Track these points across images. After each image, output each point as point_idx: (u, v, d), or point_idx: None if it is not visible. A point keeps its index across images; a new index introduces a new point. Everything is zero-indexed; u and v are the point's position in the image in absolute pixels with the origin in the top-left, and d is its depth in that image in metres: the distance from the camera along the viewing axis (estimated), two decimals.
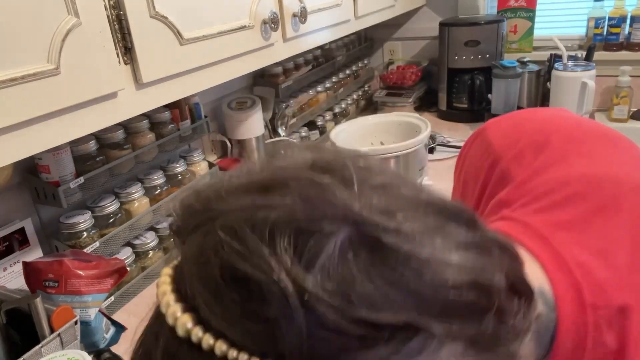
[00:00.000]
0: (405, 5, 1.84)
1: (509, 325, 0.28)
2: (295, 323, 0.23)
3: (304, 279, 0.23)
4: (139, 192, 1.09)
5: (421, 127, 1.34)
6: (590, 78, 1.64)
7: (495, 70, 1.76)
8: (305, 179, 0.27)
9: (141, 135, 1.10)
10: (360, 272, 0.24)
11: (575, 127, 0.49)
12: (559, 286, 0.36)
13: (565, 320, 0.35)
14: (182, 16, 0.78)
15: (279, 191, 0.27)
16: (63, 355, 0.68)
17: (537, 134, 0.49)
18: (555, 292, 0.36)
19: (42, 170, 0.92)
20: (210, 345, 0.24)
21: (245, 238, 0.25)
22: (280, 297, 0.23)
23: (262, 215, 0.25)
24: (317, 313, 0.23)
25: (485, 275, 0.28)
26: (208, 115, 1.32)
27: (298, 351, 0.23)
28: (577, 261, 0.37)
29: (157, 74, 0.75)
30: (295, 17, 1.08)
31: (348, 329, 0.23)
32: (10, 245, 0.92)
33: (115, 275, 0.88)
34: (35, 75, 0.58)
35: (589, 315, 0.35)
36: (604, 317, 0.35)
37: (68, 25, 0.61)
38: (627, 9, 1.78)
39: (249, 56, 0.97)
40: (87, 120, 0.66)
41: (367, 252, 0.25)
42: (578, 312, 0.35)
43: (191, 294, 0.26)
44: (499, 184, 0.49)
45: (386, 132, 1.46)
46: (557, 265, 0.37)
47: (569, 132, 0.48)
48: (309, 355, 0.24)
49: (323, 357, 0.24)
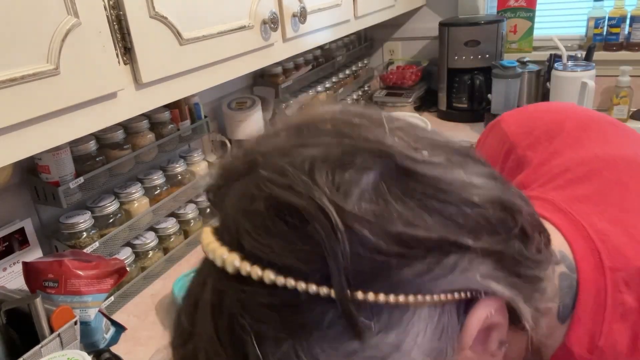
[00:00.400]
0: (405, 5, 1.84)
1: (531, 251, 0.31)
2: (338, 243, 0.25)
3: (345, 203, 0.25)
4: (138, 192, 1.09)
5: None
6: (590, 78, 1.64)
7: (495, 70, 1.76)
8: (339, 120, 0.30)
9: (141, 136, 1.10)
10: (394, 197, 0.26)
11: (588, 116, 0.51)
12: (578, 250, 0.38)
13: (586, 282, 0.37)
14: (181, 16, 0.78)
15: (315, 132, 0.29)
16: (63, 355, 0.68)
17: (550, 122, 0.50)
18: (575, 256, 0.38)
19: (42, 170, 0.92)
20: (259, 275, 0.26)
21: (287, 173, 0.26)
22: (324, 220, 0.25)
23: (302, 153, 0.27)
24: (357, 233, 0.25)
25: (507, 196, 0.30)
26: (208, 115, 1.32)
27: (343, 270, 0.25)
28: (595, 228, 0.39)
29: (157, 74, 0.75)
30: (295, 17, 1.08)
31: (386, 246, 0.25)
32: (10, 245, 0.92)
33: (115, 275, 0.88)
34: (35, 76, 0.58)
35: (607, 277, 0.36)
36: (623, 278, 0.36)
37: (68, 25, 0.61)
38: (627, 9, 1.78)
39: (248, 56, 0.97)
40: (87, 120, 0.66)
41: (399, 180, 0.27)
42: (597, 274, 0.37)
43: (236, 236, 0.27)
44: (515, 170, 0.51)
45: None
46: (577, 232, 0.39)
47: (581, 120, 0.50)
48: (353, 274, 0.25)
49: (365, 274, 0.26)
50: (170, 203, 1.16)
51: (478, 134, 1.80)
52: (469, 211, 0.28)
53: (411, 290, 0.27)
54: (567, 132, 0.49)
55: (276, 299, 0.26)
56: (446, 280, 0.27)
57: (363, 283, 0.26)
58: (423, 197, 0.27)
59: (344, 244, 0.25)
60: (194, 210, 1.24)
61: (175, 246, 1.17)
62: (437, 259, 0.27)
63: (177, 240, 1.18)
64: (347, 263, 0.25)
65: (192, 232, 1.23)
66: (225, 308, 0.27)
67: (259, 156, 0.28)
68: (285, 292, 0.26)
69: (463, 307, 0.29)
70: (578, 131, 0.48)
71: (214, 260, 0.28)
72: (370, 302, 0.26)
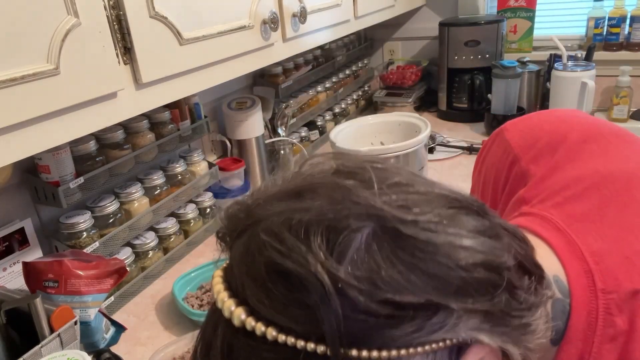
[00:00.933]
0: (405, 5, 1.84)
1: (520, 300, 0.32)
2: (332, 308, 0.27)
3: (337, 270, 0.27)
4: (138, 192, 1.09)
5: (421, 127, 1.34)
6: (590, 78, 1.64)
7: (495, 70, 1.76)
8: (331, 183, 0.31)
9: (141, 135, 1.10)
10: (384, 260, 0.28)
11: (590, 126, 0.51)
12: (572, 272, 0.39)
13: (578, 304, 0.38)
14: (181, 16, 0.78)
15: (310, 196, 0.31)
16: (63, 355, 0.68)
17: (553, 134, 0.51)
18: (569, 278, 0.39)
19: (42, 170, 0.92)
20: (262, 331, 0.28)
21: (284, 238, 0.29)
22: (318, 287, 0.27)
23: (297, 218, 0.29)
24: (350, 298, 0.27)
25: (495, 255, 0.31)
26: (208, 115, 1.32)
27: (336, 332, 0.27)
28: (590, 250, 0.40)
29: (157, 74, 0.75)
30: (295, 17, 1.08)
31: (377, 310, 0.27)
32: (10, 245, 0.92)
33: (115, 275, 0.88)
34: (35, 76, 0.58)
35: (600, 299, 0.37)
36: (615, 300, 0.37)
37: (67, 25, 0.61)
38: (627, 9, 1.78)
39: (248, 56, 0.97)
40: (87, 120, 0.66)
41: (389, 242, 0.29)
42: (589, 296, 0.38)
43: (241, 289, 0.30)
44: (519, 182, 0.52)
45: (386, 132, 1.46)
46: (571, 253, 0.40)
47: (584, 132, 0.50)
48: (346, 334, 0.27)
49: (357, 336, 0.28)
50: (170, 203, 1.16)
51: (478, 134, 1.81)
52: (455, 274, 0.29)
53: (402, 345, 0.28)
54: (569, 144, 0.49)
55: (279, 354, 0.28)
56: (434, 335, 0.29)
57: (356, 342, 0.28)
58: (412, 259, 0.29)
59: (336, 309, 0.27)
60: (194, 210, 1.24)
61: (175, 246, 1.17)
62: (425, 318, 0.28)
63: (177, 240, 1.18)
64: (339, 325, 0.27)
65: (192, 232, 1.23)
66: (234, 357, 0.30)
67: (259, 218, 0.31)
68: (286, 348, 0.28)
69: (455, 351, 0.31)
70: (580, 144, 0.49)
71: (222, 311, 0.30)
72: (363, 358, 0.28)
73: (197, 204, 1.26)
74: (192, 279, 1.06)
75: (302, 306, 0.28)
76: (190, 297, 1.01)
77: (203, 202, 1.28)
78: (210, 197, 1.30)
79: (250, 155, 1.44)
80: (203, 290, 1.02)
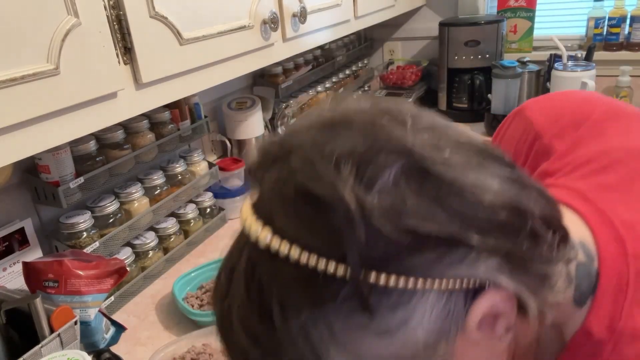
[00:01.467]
0: (405, 5, 1.84)
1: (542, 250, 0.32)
2: (355, 230, 0.28)
3: (364, 196, 0.28)
4: (138, 192, 1.09)
5: None
6: (590, 78, 1.64)
7: (495, 70, 1.76)
8: (366, 118, 0.32)
9: (141, 135, 1.10)
10: (410, 193, 0.29)
11: (613, 106, 0.51)
12: (602, 238, 0.39)
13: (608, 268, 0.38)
14: (181, 16, 0.78)
15: (344, 128, 0.32)
16: (63, 355, 0.68)
17: (577, 112, 0.51)
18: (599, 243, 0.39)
19: (42, 170, 0.92)
20: (286, 252, 0.29)
21: (315, 165, 0.30)
22: (344, 210, 0.28)
23: (329, 148, 0.30)
24: (374, 223, 0.28)
25: (520, 201, 0.31)
26: (208, 115, 1.32)
27: (357, 254, 0.28)
28: (621, 218, 0.40)
29: (157, 74, 0.75)
30: (295, 17, 1.08)
31: (399, 236, 0.28)
32: (10, 245, 0.92)
33: (115, 275, 0.88)
34: (35, 76, 0.58)
35: (630, 264, 0.37)
36: None
37: (68, 25, 0.61)
38: (627, 9, 1.78)
39: (248, 56, 0.97)
40: (87, 120, 0.66)
41: (417, 178, 0.29)
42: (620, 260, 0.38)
43: (269, 213, 0.31)
44: (541, 158, 0.52)
45: None
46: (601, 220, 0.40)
47: (607, 110, 0.50)
48: (366, 258, 0.28)
49: (378, 259, 0.29)
50: (170, 203, 1.16)
51: (478, 134, 1.81)
52: (479, 212, 0.30)
53: (420, 275, 0.29)
54: (592, 121, 0.49)
55: (300, 273, 0.29)
56: (453, 270, 0.30)
57: (376, 266, 0.29)
58: (438, 195, 0.29)
59: (360, 232, 0.28)
60: (194, 210, 1.24)
61: (175, 246, 1.17)
62: (446, 250, 0.29)
63: (177, 240, 1.18)
64: (361, 249, 0.28)
65: (192, 232, 1.23)
66: (256, 276, 0.31)
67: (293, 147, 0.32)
68: (307, 268, 0.29)
69: (471, 295, 0.31)
70: (604, 121, 0.49)
71: (249, 235, 0.31)
72: (381, 282, 0.29)
73: (197, 204, 1.26)
74: (192, 279, 1.06)
75: (326, 228, 0.29)
76: (190, 297, 1.01)
77: (203, 202, 1.28)
78: (210, 197, 1.30)
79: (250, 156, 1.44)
80: (203, 290, 1.02)
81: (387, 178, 0.29)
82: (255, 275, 0.31)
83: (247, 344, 0.31)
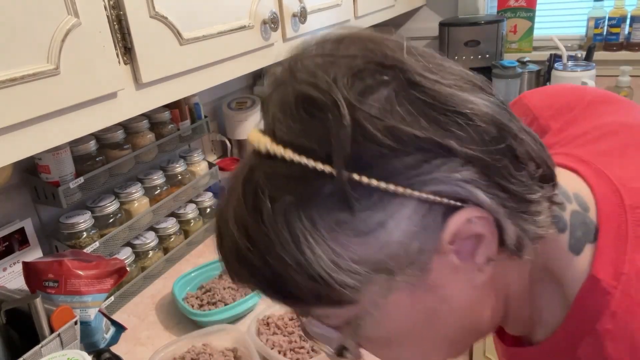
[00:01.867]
0: (405, 5, 1.84)
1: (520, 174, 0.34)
2: (343, 129, 0.31)
3: (355, 101, 0.31)
4: (138, 192, 1.09)
5: None
6: (590, 78, 1.64)
7: (495, 70, 1.76)
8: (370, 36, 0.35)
9: (141, 135, 1.10)
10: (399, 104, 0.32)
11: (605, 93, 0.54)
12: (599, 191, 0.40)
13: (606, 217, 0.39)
14: (181, 16, 0.78)
15: (348, 43, 0.35)
16: (63, 355, 0.68)
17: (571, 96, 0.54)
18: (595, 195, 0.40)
19: (42, 170, 0.92)
20: (281, 153, 0.32)
21: (316, 74, 0.33)
22: (335, 110, 0.31)
23: (330, 60, 0.33)
24: (360, 125, 0.31)
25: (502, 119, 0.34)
26: (208, 115, 1.32)
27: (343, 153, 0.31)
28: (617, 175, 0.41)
29: (157, 74, 0.75)
30: (295, 17, 1.08)
31: (381, 138, 0.31)
32: (10, 245, 0.92)
33: (115, 275, 0.88)
34: (35, 76, 0.58)
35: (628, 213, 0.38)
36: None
37: (68, 25, 0.61)
38: (627, 9, 1.78)
39: (249, 56, 0.97)
40: (87, 120, 0.66)
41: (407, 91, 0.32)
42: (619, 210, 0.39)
43: (272, 122, 0.34)
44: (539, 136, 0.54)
45: None
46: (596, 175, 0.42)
47: (599, 95, 0.53)
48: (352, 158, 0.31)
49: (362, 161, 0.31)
50: (170, 203, 1.16)
51: None
52: (460, 121, 0.32)
53: (400, 181, 0.31)
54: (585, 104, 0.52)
55: (291, 171, 0.32)
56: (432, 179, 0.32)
57: (359, 167, 0.31)
58: (423, 105, 0.32)
59: (346, 132, 0.31)
60: (194, 210, 1.24)
61: (175, 246, 1.17)
62: (425, 157, 0.31)
63: (177, 240, 1.18)
64: (347, 148, 0.31)
65: (192, 232, 1.23)
66: (253, 179, 0.34)
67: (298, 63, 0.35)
68: (298, 166, 0.32)
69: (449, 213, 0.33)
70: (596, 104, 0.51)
71: (252, 143, 0.34)
72: (363, 183, 0.31)
73: (197, 204, 1.26)
74: (192, 279, 1.06)
75: (318, 129, 0.32)
76: (190, 297, 1.01)
77: (203, 202, 1.28)
78: (210, 197, 1.30)
79: None
80: (203, 290, 1.02)
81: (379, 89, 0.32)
82: (253, 178, 0.34)
83: (238, 235, 0.34)
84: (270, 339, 0.87)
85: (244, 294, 1.00)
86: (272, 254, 0.33)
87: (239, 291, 1.01)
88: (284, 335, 0.88)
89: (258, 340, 0.86)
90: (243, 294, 0.99)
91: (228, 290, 1.01)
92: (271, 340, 0.86)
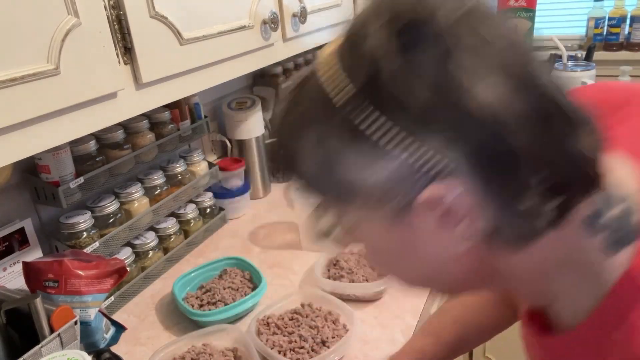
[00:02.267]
0: None
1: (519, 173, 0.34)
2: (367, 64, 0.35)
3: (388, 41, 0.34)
4: (138, 192, 1.09)
5: None
6: (590, 78, 1.64)
7: None
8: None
9: (141, 135, 1.10)
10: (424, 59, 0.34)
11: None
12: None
13: None
14: (181, 16, 0.78)
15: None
16: (63, 355, 0.68)
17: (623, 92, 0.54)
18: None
19: (42, 170, 0.92)
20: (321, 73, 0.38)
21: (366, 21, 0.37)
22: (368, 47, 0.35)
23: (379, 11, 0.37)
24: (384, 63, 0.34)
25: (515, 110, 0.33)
26: (208, 115, 1.32)
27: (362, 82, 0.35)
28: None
29: (157, 74, 0.75)
30: (295, 17, 1.08)
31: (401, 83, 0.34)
32: (10, 245, 0.92)
33: (115, 275, 0.88)
34: (35, 75, 0.58)
35: None
36: None
37: (68, 25, 0.61)
38: (627, 9, 1.78)
39: (248, 56, 0.97)
40: (87, 120, 0.66)
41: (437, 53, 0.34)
42: None
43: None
44: None
45: None
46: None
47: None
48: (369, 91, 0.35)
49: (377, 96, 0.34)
50: (170, 203, 1.16)
51: None
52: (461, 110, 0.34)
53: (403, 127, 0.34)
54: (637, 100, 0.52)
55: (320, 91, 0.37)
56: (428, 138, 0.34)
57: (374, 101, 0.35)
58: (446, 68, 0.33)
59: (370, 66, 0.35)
60: (194, 210, 1.24)
61: (175, 246, 1.17)
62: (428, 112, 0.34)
63: (177, 240, 1.18)
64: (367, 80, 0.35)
65: (192, 232, 1.23)
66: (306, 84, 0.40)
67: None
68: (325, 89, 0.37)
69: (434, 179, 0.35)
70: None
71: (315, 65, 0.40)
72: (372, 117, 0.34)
73: (197, 204, 1.26)
74: (192, 279, 1.06)
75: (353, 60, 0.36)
76: (190, 297, 1.01)
77: (203, 202, 1.28)
78: (211, 197, 1.30)
79: (251, 155, 1.45)
80: (203, 290, 1.02)
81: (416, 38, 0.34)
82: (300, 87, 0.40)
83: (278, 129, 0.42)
84: (270, 339, 0.87)
85: (244, 294, 1.00)
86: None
87: (239, 291, 1.01)
88: (284, 335, 0.88)
89: (258, 340, 0.86)
90: (243, 294, 0.99)
91: (228, 290, 1.01)
92: (271, 340, 0.86)
